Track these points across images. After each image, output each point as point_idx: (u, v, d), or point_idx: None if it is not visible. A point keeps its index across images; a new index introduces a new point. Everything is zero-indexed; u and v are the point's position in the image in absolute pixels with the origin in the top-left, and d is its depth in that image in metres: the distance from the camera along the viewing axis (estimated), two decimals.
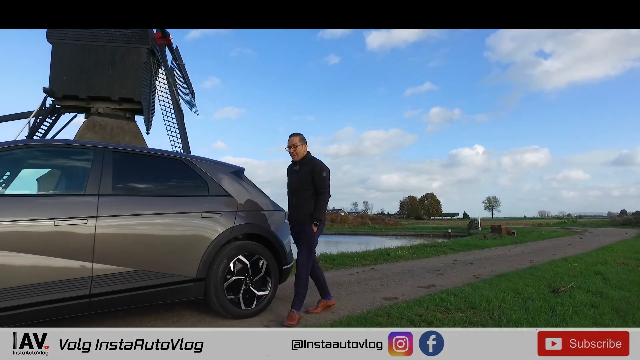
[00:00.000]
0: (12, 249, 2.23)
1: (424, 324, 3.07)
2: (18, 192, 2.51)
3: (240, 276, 3.12)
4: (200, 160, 3.28)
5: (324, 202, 3.27)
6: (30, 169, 2.64)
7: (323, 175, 3.26)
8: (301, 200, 3.26)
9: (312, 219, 3.23)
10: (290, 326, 2.91)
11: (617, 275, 5.42)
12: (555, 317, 3.26)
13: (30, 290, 2.27)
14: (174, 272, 2.81)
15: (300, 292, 3.15)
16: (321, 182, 3.25)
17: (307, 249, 3.22)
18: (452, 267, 6.62)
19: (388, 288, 4.63)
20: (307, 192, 3.26)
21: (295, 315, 3.08)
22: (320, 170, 3.26)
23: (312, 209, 3.25)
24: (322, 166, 3.30)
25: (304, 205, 3.25)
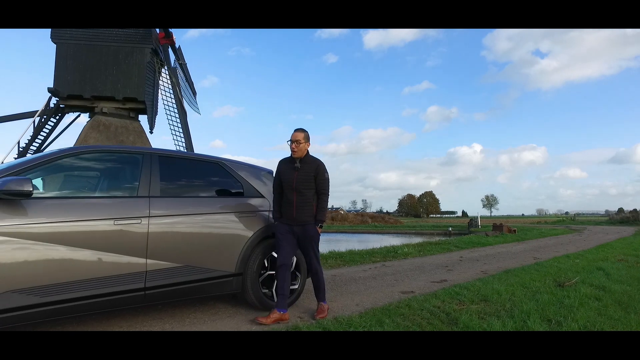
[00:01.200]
0: (79, 246, 2.48)
1: (443, 315, 3.32)
2: (81, 194, 2.75)
3: (273, 271, 3.37)
4: (234, 163, 3.52)
5: (325, 204, 3.29)
6: (89, 172, 2.87)
7: (325, 176, 3.29)
8: (304, 200, 3.22)
9: (316, 220, 3.25)
10: (323, 318, 3.13)
11: (618, 271, 5.70)
12: (563, 309, 3.52)
13: (94, 283, 2.52)
14: (216, 267, 3.06)
15: (321, 287, 3.32)
16: (324, 184, 3.27)
17: (315, 250, 3.27)
18: (459, 263, 6.89)
19: (403, 283, 4.89)
20: (310, 191, 3.24)
21: (325, 306, 3.29)
22: (324, 171, 3.29)
23: (314, 209, 3.26)
24: (324, 167, 3.32)
25: (307, 205, 3.22)
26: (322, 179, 3.25)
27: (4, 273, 2.22)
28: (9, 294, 2.23)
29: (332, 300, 3.85)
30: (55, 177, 2.66)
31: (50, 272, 2.37)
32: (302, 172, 3.23)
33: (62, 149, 2.72)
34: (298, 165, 3.25)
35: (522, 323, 3.07)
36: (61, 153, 2.64)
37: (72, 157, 2.69)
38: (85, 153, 2.77)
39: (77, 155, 2.72)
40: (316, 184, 3.25)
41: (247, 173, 3.53)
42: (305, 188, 3.21)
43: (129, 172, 2.93)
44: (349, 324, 2.94)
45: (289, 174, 3.26)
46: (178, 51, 27.14)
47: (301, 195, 3.20)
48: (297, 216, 3.19)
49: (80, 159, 2.74)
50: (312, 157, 3.32)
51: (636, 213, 36.73)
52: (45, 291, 2.34)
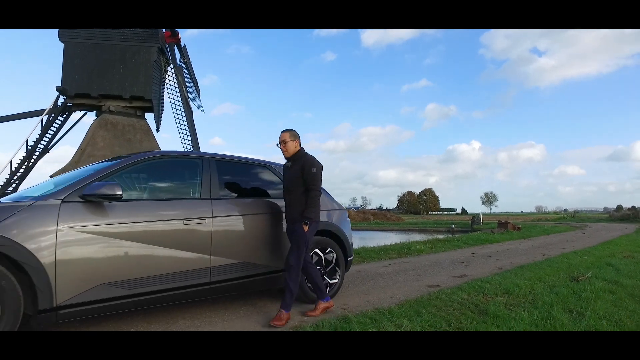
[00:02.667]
0: (155, 244, 2.76)
1: (472, 306, 3.61)
2: (154, 197, 3.02)
3: (317, 266, 3.65)
4: (280, 166, 3.80)
5: (314, 200, 3.15)
6: (159, 176, 3.15)
7: (313, 171, 3.15)
8: (293, 198, 3.19)
9: (302, 217, 3.13)
10: (278, 326, 2.89)
11: (626, 267, 6.01)
12: (582, 301, 3.81)
13: (169, 277, 2.80)
14: (268, 263, 3.34)
15: (292, 291, 3.07)
16: (310, 179, 3.14)
17: (296, 249, 3.10)
18: (473, 259, 7.19)
19: (426, 277, 5.18)
20: (299, 189, 3.18)
21: (284, 315, 3.00)
22: (310, 166, 3.16)
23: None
24: (312, 162, 3.19)
25: (296, 204, 3.18)
26: (309, 174, 3.15)
27: (96, 268, 2.50)
28: (101, 286, 2.51)
29: (367, 293, 4.14)
30: (132, 181, 2.93)
31: (132, 268, 2.65)
32: (291, 171, 3.24)
33: (136, 155, 3.00)
34: (289, 165, 3.29)
35: (547, 313, 3.35)
36: (137, 159, 2.92)
37: (146, 162, 2.97)
38: (156, 158, 3.05)
39: (150, 160, 3.00)
40: (304, 180, 3.18)
41: None
42: (294, 186, 3.19)
43: (192, 175, 3.20)
44: (391, 314, 3.23)
45: (285, 175, 3.34)
46: (183, 50, 27.33)
47: (291, 193, 3.21)
48: (289, 215, 3.24)
49: (152, 164, 3.02)
50: (302, 154, 3.27)
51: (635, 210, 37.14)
52: (130, 284, 2.63)
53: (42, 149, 24.31)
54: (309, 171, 3.16)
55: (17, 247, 2.22)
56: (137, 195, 2.90)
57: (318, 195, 3.19)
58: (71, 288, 2.40)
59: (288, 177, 3.27)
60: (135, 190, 2.92)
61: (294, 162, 3.26)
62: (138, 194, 2.92)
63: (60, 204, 2.45)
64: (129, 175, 2.88)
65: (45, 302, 2.30)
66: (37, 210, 2.36)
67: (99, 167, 2.83)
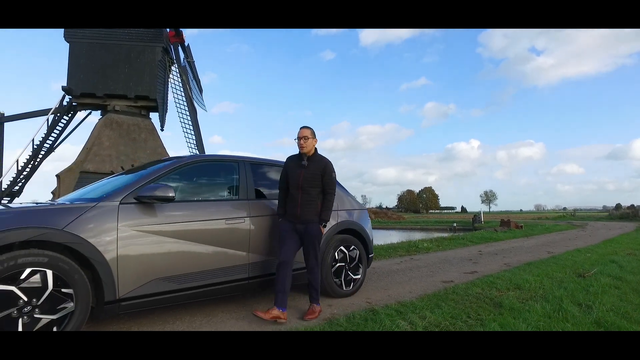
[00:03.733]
0: (202, 242, 2.99)
1: (487, 299, 3.86)
2: (199, 198, 3.26)
3: (342, 263, 3.89)
4: None
5: (331, 203, 3.26)
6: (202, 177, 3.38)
7: (333, 175, 3.27)
8: (309, 198, 3.19)
9: (320, 219, 3.22)
10: (312, 320, 3.10)
11: (629, 264, 6.26)
12: (590, 295, 4.06)
13: (214, 273, 3.04)
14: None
15: (316, 286, 3.27)
16: (331, 183, 3.24)
17: (315, 249, 3.22)
18: (481, 257, 7.44)
19: (439, 274, 5.43)
20: (315, 190, 3.21)
21: (317, 308, 3.24)
22: (332, 170, 3.27)
23: (319, 208, 3.24)
24: (332, 167, 3.30)
25: (312, 204, 3.19)
26: (330, 178, 3.24)
27: (151, 263, 2.74)
28: (156, 281, 2.75)
29: (387, 288, 4.39)
30: (177, 183, 3.16)
31: (182, 264, 2.89)
32: (309, 170, 3.20)
33: (180, 158, 3.24)
34: (305, 163, 3.23)
35: (558, 306, 3.59)
36: (181, 162, 3.16)
37: (189, 165, 3.20)
38: (198, 162, 3.28)
39: (193, 163, 3.23)
40: (323, 183, 3.23)
41: None
42: (311, 186, 3.19)
43: (230, 178, 3.43)
44: (414, 307, 3.47)
45: (296, 172, 3.24)
46: (187, 49, 27.49)
47: (306, 193, 3.19)
48: (302, 214, 3.18)
49: (194, 167, 3.25)
50: (320, 156, 3.32)
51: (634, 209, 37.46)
52: (180, 279, 2.86)
53: (48, 148, 24.51)
54: (330, 175, 3.24)
55: (86, 244, 2.46)
56: (183, 197, 3.13)
57: (334, 199, 3.32)
58: (130, 282, 2.63)
59: (304, 176, 3.19)
60: (181, 192, 3.15)
61: (312, 161, 3.24)
62: (184, 195, 3.15)
63: (119, 205, 2.68)
64: (174, 177, 3.11)
65: (109, 294, 2.54)
66: (99, 210, 2.60)
67: (148, 171, 3.06)
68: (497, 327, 2.94)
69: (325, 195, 3.25)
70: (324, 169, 3.23)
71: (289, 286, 3.12)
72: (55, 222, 2.40)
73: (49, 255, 2.32)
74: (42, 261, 2.29)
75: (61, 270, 2.35)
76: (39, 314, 2.27)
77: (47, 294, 2.30)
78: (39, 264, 2.28)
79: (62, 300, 2.36)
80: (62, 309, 2.35)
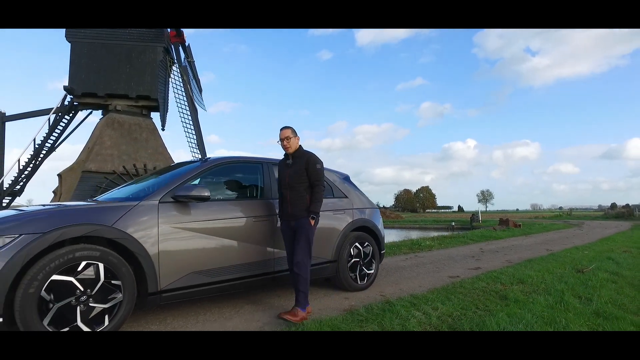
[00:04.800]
0: (233, 238, 3.21)
1: (493, 292, 4.10)
2: (229, 197, 3.48)
3: (357, 259, 4.13)
4: (325, 169, 4.26)
5: (319, 195, 3.23)
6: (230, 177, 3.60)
7: (317, 167, 3.24)
8: (296, 195, 3.21)
9: (309, 212, 3.19)
10: (292, 321, 3.00)
11: (625, 260, 6.55)
12: (589, 289, 4.32)
13: (243, 267, 3.26)
14: (320, 255, 3.81)
15: (302, 289, 3.14)
16: (316, 174, 3.23)
17: (306, 244, 3.17)
18: (482, 254, 7.70)
19: (445, 270, 5.68)
20: (302, 185, 3.22)
21: (299, 312, 3.10)
22: (315, 162, 3.25)
23: (308, 202, 3.23)
24: (316, 158, 3.28)
25: (300, 200, 3.21)
26: (314, 170, 3.23)
27: (187, 258, 2.96)
28: (192, 274, 2.97)
29: (397, 283, 4.64)
30: (208, 183, 3.39)
31: (214, 259, 3.11)
32: (293, 167, 3.26)
33: (211, 160, 3.46)
34: (290, 162, 3.30)
35: (560, 298, 3.85)
36: (211, 164, 3.38)
37: (219, 167, 3.43)
38: (226, 163, 3.50)
39: (222, 165, 3.46)
40: (308, 176, 3.24)
41: (334, 177, 4.29)
42: (297, 182, 3.22)
43: (255, 177, 3.66)
44: (425, 299, 3.72)
45: (283, 172, 3.33)
46: (187, 49, 27.61)
47: (294, 190, 3.22)
48: (292, 212, 3.22)
49: (223, 168, 3.48)
50: (304, 151, 3.34)
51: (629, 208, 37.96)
52: (213, 273, 3.09)
53: (49, 147, 24.60)
54: (314, 167, 3.24)
55: (132, 240, 2.68)
56: (213, 196, 3.35)
57: (323, 190, 3.27)
58: (170, 275, 2.86)
59: (290, 174, 3.26)
60: (212, 191, 3.36)
61: (296, 158, 3.28)
62: (214, 194, 3.37)
63: (158, 204, 2.91)
64: (206, 178, 3.34)
65: (152, 286, 2.76)
66: (142, 209, 2.82)
67: (181, 172, 3.28)
68: (505, 317, 3.18)
69: (312, 187, 3.25)
70: (307, 161, 3.25)
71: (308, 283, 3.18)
72: (106, 220, 2.63)
73: (100, 250, 2.54)
74: (95, 255, 2.51)
75: (111, 263, 2.57)
76: (93, 303, 2.49)
77: (99, 285, 2.52)
78: (92, 257, 2.50)
79: (112, 291, 2.58)
80: (112, 299, 2.58)
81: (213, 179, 3.42)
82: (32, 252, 2.31)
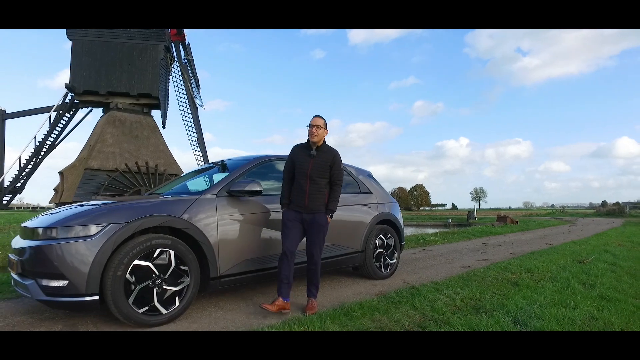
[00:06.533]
0: (276, 229, 3.55)
1: (505, 280, 4.49)
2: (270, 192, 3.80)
3: (381, 249, 4.50)
4: (351, 166, 4.62)
5: (338, 194, 3.28)
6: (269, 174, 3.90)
7: (342, 167, 3.31)
8: (317, 188, 3.20)
9: (327, 209, 3.24)
10: (312, 314, 3.00)
11: (621, 253, 7.00)
12: (591, 277, 4.73)
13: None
14: (351, 245, 4.16)
15: (315, 282, 3.27)
16: (339, 174, 3.27)
17: (322, 240, 3.23)
18: (487, 248, 8.12)
19: (455, 261, 6.08)
20: (324, 180, 3.22)
21: (315, 303, 3.23)
22: (340, 162, 3.29)
23: (326, 198, 3.25)
24: (341, 158, 3.32)
25: (319, 194, 3.20)
26: (338, 170, 3.26)
27: (242, 246, 3.30)
28: (245, 261, 3.31)
29: (416, 272, 5.02)
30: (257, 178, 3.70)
31: (263, 247, 3.45)
32: (317, 160, 3.20)
33: (255, 158, 3.78)
34: (314, 153, 3.22)
35: (566, 284, 4.24)
36: (257, 161, 3.71)
37: (263, 164, 3.76)
38: (268, 161, 3.83)
39: (264, 162, 3.79)
40: (331, 174, 3.25)
41: (360, 174, 4.65)
42: (319, 176, 3.20)
43: None
44: (446, 286, 4.09)
45: (304, 161, 3.22)
46: (187, 47, 27.75)
47: (315, 183, 3.18)
48: (310, 204, 3.18)
49: (265, 165, 3.80)
50: (329, 147, 3.32)
51: (620, 206, 38.92)
52: (263, 260, 3.42)
53: (50, 145, 24.64)
54: (338, 167, 3.26)
55: (196, 230, 3.02)
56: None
57: (341, 190, 3.32)
58: (227, 261, 3.19)
59: (313, 166, 3.19)
60: None
61: (321, 151, 3.24)
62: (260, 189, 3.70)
63: (216, 198, 3.24)
64: (253, 173, 3.67)
65: (213, 271, 3.10)
66: (203, 202, 3.15)
67: (234, 168, 3.60)
68: (521, 299, 3.56)
69: (333, 186, 3.27)
70: (333, 159, 3.24)
71: (292, 277, 3.15)
72: (175, 212, 2.96)
73: (171, 239, 2.88)
74: (167, 243, 2.85)
75: (180, 250, 2.90)
76: (166, 286, 2.83)
77: (171, 270, 2.86)
78: (165, 245, 2.83)
79: (181, 275, 2.92)
80: (181, 282, 2.91)
81: (259, 175, 3.74)
82: (119, 239, 2.64)
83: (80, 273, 2.52)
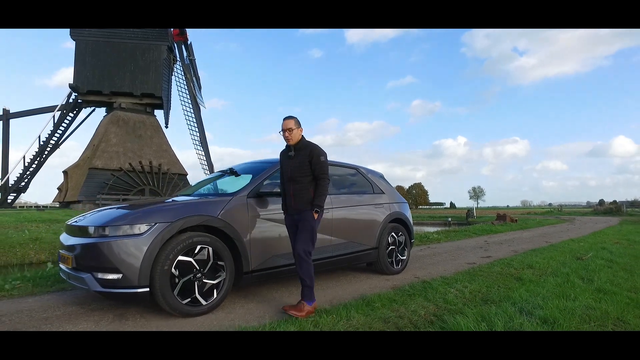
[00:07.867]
0: None
1: (509, 275, 4.80)
2: None
3: (393, 246, 4.80)
4: (363, 168, 4.92)
5: (324, 188, 3.13)
6: None
7: (322, 159, 3.13)
8: (300, 187, 3.14)
9: (312, 205, 3.11)
10: (297, 317, 2.92)
11: (617, 250, 7.32)
12: (589, 272, 5.04)
13: None
14: (365, 243, 4.46)
15: (307, 283, 3.07)
16: (320, 167, 3.12)
17: (309, 237, 3.08)
18: (489, 245, 8.43)
19: (460, 258, 6.39)
20: (306, 178, 3.14)
21: (305, 306, 3.02)
22: (319, 154, 3.14)
23: (312, 195, 3.13)
24: (320, 150, 3.17)
25: (304, 193, 3.13)
26: (318, 162, 3.12)
27: (270, 243, 3.59)
28: (273, 257, 3.60)
29: (424, 268, 5.32)
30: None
31: (288, 244, 3.73)
32: (296, 160, 3.17)
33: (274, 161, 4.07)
34: (292, 154, 3.19)
35: (566, 279, 4.55)
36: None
37: None
38: None
39: None
40: (312, 169, 3.14)
41: (372, 175, 4.95)
42: (301, 175, 3.14)
43: None
44: (454, 280, 4.39)
45: (286, 164, 3.24)
46: (190, 47, 27.96)
47: (297, 183, 3.15)
48: (295, 205, 3.16)
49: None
50: (306, 142, 3.22)
51: (617, 205, 39.39)
52: (288, 256, 3.70)
53: (54, 144, 24.84)
54: (318, 159, 3.13)
55: (231, 228, 3.30)
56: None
57: (327, 183, 3.17)
58: (258, 257, 3.48)
59: (293, 167, 3.17)
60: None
61: (298, 150, 3.19)
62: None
63: (247, 198, 3.53)
64: (276, 176, 3.95)
65: (246, 267, 3.38)
66: (236, 202, 3.44)
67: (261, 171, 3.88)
68: (525, 292, 3.86)
69: (317, 180, 3.15)
70: (310, 153, 3.14)
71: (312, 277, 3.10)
72: (213, 211, 3.25)
73: (209, 236, 3.16)
74: (207, 240, 3.13)
75: (216, 247, 3.19)
76: (206, 280, 3.12)
77: (209, 265, 3.14)
78: (205, 242, 3.12)
79: (218, 270, 3.20)
80: (219, 276, 3.20)
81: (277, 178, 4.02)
82: (165, 236, 2.93)
83: (132, 267, 2.80)
